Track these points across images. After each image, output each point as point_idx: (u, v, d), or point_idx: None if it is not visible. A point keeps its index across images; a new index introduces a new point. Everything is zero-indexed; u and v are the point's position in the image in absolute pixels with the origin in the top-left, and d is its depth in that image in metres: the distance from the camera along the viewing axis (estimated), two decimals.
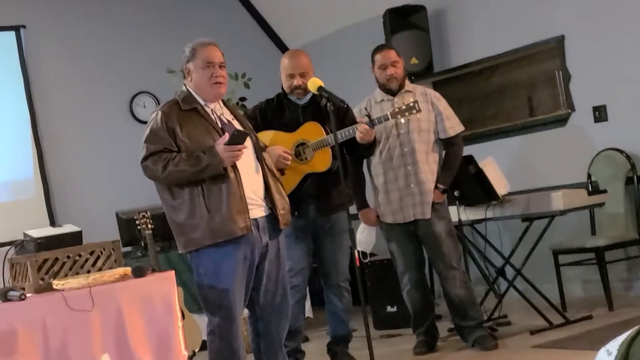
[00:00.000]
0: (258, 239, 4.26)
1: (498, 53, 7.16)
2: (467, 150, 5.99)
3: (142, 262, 5.53)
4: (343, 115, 5.11)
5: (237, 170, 4.19)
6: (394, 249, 5.58)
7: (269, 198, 4.33)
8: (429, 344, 5.61)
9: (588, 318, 5.83)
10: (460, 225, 5.92)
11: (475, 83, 7.70)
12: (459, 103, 7.55)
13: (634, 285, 6.45)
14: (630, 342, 1.91)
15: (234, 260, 4.17)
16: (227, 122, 4.35)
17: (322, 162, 5.03)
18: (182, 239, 4.24)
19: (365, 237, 5.67)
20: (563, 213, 5.82)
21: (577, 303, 6.45)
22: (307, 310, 6.55)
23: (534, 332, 5.66)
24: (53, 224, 7.27)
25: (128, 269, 4.27)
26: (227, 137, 4.10)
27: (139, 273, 4.27)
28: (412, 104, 4.98)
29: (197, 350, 5.88)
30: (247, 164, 4.25)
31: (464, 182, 5.87)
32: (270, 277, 4.38)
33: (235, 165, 4.19)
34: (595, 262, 6.20)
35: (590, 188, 6.38)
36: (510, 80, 7.40)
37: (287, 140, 5.05)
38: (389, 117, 5.02)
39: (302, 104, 5.15)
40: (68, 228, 4.67)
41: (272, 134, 5.09)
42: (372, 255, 6.56)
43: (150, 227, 5.57)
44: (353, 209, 5.31)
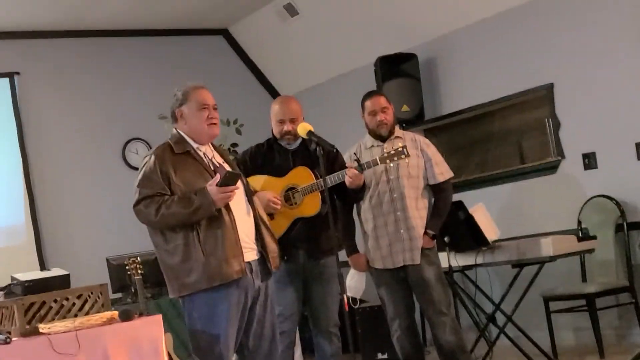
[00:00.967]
0: (251, 283, 4.25)
1: (488, 101, 7.22)
2: (457, 197, 6.02)
3: (132, 308, 5.51)
4: (333, 160, 5.13)
5: (231, 214, 4.19)
6: (384, 295, 5.57)
7: (260, 241, 4.33)
8: None
9: None
10: (451, 271, 5.91)
11: (466, 130, 7.74)
12: (450, 150, 7.60)
13: (625, 333, 6.43)
14: None
15: (229, 304, 4.16)
16: (219, 165, 4.38)
17: (311, 206, 5.03)
18: (175, 283, 4.20)
19: (355, 282, 5.66)
20: (553, 259, 5.84)
21: (568, 350, 6.43)
22: (298, 358, 6.51)
23: None
24: (43, 269, 7.24)
25: (115, 313, 4.26)
26: (218, 178, 4.11)
27: (126, 316, 4.25)
28: (400, 149, 5.00)
29: None
30: (239, 208, 4.26)
31: (454, 228, 5.88)
32: (261, 321, 4.36)
33: (230, 209, 4.19)
34: (586, 309, 6.18)
35: (580, 234, 6.39)
36: (501, 128, 7.44)
37: (276, 185, 5.06)
38: (378, 162, 5.03)
39: (292, 149, 5.17)
40: (56, 272, 4.67)
41: (262, 179, 5.10)
42: (362, 302, 6.54)
43: (140, 272, 5.55)
44: (343, 255, 5.30)
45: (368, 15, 7.81)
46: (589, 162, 6.55)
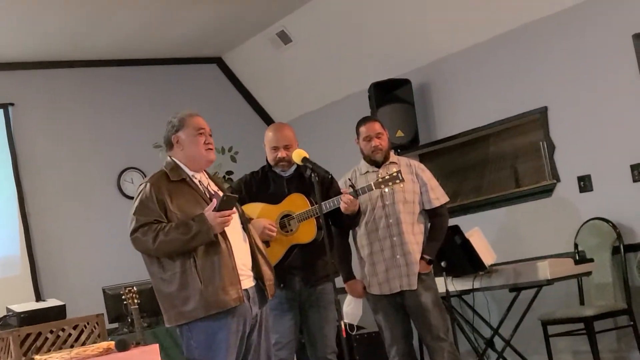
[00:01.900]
0: (249, 310, 4.24)
1: (483, 125, 7.23)
2: (453, 222, 6.01)
3: (128, 338, 5.48)
4: (328, 186, 5.13)
5: (228, 241, 4.19)
6: (381, 321, 5.55)
7: (256, 268, 4.32)
8: None
9: None
10: (448, 296, 5.90)
11: (461, 155, 7.75)
12: (446, 175, 7.60)
13: (624, 356, 6.41)
14: None
15: (228, 332, 4.14)
16: (214, 192, 4.38)
17: (307, 233, 5.02)
18: (172, 312, 4.18)
19: (352, 309, 5.64)
20: (550, 282, 5.84)
21: None
22: None
23: None
24: (39, 300, 7.22)
25: (112, 343, 4.24)
26: (214, 203, 4.11)
27: (123, 346, 4.23)
28: (395, 174, 5.01)
29: None
30: (235, 235, 4.26)
31: (451, 252, 5.88)
32: (257, 348, 4.34)
33: (227, 236, 4.19)
34: (585, 332, 6.16)
35: (577, 257, 6.38)
36: (495, 152, 7.46)
37: (272, 212, 5.06)
38: (373, 187, 5.04)
39: (286, 176, 5.17)
40: (51, 302, 4.66)
41: (257, 207, 5.09)
42: (359, 328, 6.51)
43: (137, 302, 5.53)
44: (339, 282, 5.28)
45: (361, 42, 7.84)
46: (585, 184, 6.56)
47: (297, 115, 8.74)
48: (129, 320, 6.54)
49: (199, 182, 4.35)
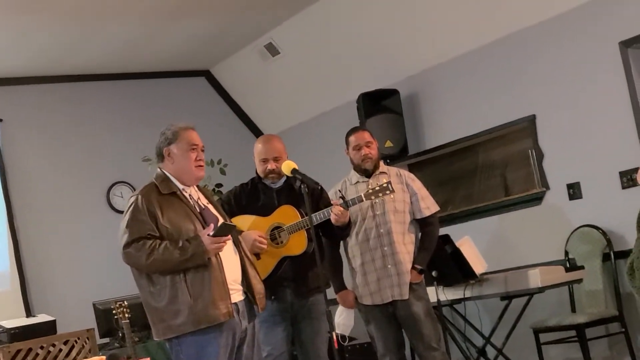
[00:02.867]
0: (238, 324, 4.24)
1: (471, 134, 7.24)
2: (443, 231, 6.02)
3: (120, 353, 5.47)
4: (317, 197, 5.13)
5: (218, 256, 4.18)
6: (373, 331, 5.54)
7: (246, 282, 4.31)
8: None
9: None
10: (439, 306, 5.89)
11: (450, 164, 7.76)
12: (435, 184, 7.61)
13: None
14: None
15: (217, 346, 4.13)
16: (204, 207, 4.36)
17: (297, 245, 5.02)
18: (160, 326, 4.17)
19: (344, 319, 5.63)
20: (541, 290, 5.85)
21: None
22: None
23: None
24: (29, 316, 7.19)
25: (103, 358, 4.24)
26: (211, 227, 4.10)
27: None
28: (385, 185, 5.01)
29: None
30: (226, 249, 4.24)
31: (442, 262, 5.88)
32: None
33: None
34: (577, 339, 6.16)
35: (568, 265, 6.39)
36: (484, 161, 7.47)
37: (262, 225, 5.05)
38: (363, 198, 5.04)
39: (276, 188, 5.17)
40: (42, 318, 4.64)
41: (247, 219, 5.09)
42: (351, 339, 6.50)
43: (128, 316, 5.53)
44: (330, 293, 5.28)
45: (349, 53, 7.86)
46: (574, 192, 6.57)
47: (286, 127, 8.74)
48: (120, 335, 6.51)
49: (189, 195, 4.34)
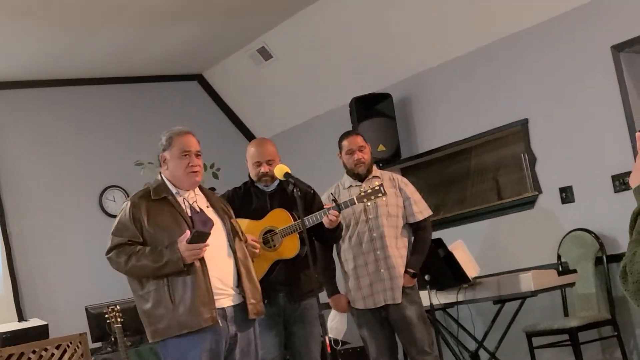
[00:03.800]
0: (225, 329, 4.22)
1: (464, 138, 7.24)
2: (436, 235, 6.02)
3: (112, 357, 5.45)
4: (310, 201, 5.12)
5: (203, 261, 4.17)
6: (366, 335, 5.53)
7: (241, 287, 4.30)
8: None
9: None
10: (432, 310, 5.89)
11: (443, 168, 7.77)
12: (428, 188, 7.61)
13: None
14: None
15: (200, 351, 4.13)
16: (198, 211, 4.34)
17: (290, 248, 5.02)
18: (149, 329, 4.22)
19: (337, 323, 5.63)
20: (534, 294, 5.85)
21: None
22: None
23: None
24: (21, 320, 7.17)
25: None
26: (187, 235, 4.10)
27: None
28: (377, 188, 5.01)
29: None
30: (216, 252, 4.23)
31: (434, 265, 5.88)
32: None
33: (202, 256, 4.17)
34: (569, 343, 6.17)
35: (560, 269, 6.40)
36: (477, 165, 7.47)
37: (255, 228, 5.04)
38: (355, 201, 5.03)
39: (269, 191, 5.16)
40: (34, 322, 4.63)
41: (239, 222, 5.07)
42: (344, 343, 6.50)
43: (120, 320, 5.51)
44: (323, 296, 5.28)
45: (341, 57, 7.86)
46: (566, 196, 6.58)
47: (278, 131, 8.74)
48: (113, 340, 6.49)
49: (184, 200, 4.33)
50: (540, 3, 6.49)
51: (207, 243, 4.15)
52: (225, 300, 4.24)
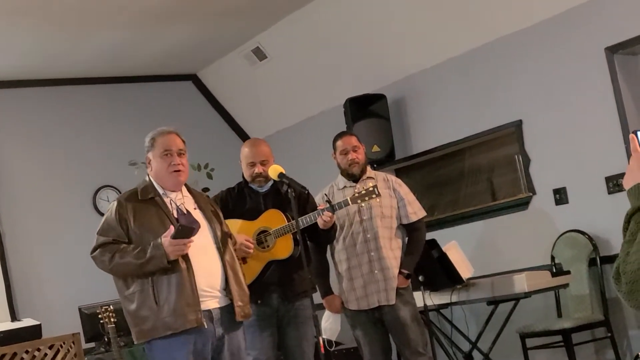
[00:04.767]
0: (211, 331, 4.21)
1: (458, 139, 7.24)
2: (430, 236, 6.02)
3: (105, 357, 5.44)
4: (304, 202, 5.12)
5: (189, 261, 4.16)
6: (360, 336, 5.53)
7: (228, 289, 4.29)
8: None
9: None
10: (426, 311, 5.89)
11: (437, 169, 7.77)
12: (422, 189, 7.62)
13: None
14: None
15: (186, 352, 4.13)
16: (185, 212, 4.33)
17: (284, 249, 5.01)
18: (135, 330, 4.22)
19: (330, 324, 5.63)
20: (527, 295, 5.85)
21: None
22: None
23: None
24: (14, 320, 7.15)
25: None
26: (172, 230, 4.09)
27: None
28: (371, 189, 5.01)
29: None
30: (203, 254, 4.23)
31: (428, 266, 5.88)
32: None
33: (188, 256, 4.16)
34: (563, 344, 6.17)
35: (554, 270, 6.40)
36: (471, 166, 7.48)
37: (248, 228, 5.04)
38: (349, 202, 5.03)
39: (263, 192, 5.16)
40: (27, 322, 4.62)
41: (233, 223, 5.07)
42: (337, 344, 6.50)
43: (113, 321, 5.50)
44: (317, 297, 5.27)
45: (336, 58, 7.86)
46: (560, 197, 6.58)
47: (273, 132, 8.73)
48: (106, 340, 6.48)
49: (170, 200, 4.32)
50: (534, 4, 6.50)
51: (191, 239, 4.13)
52: (211, 302, 4.23)
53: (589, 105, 6.30)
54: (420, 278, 5.83)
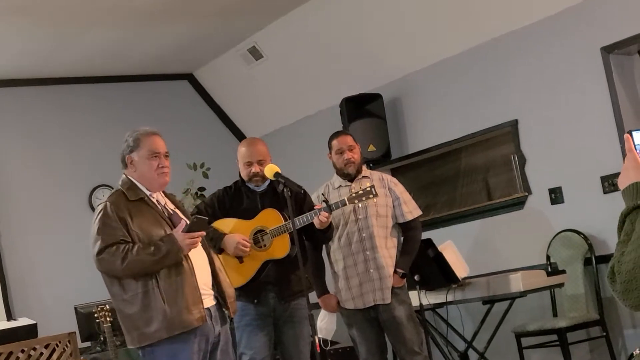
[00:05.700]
0: (211, 329, 4.22)
1: (454, 138, 7.25)
2: (426, 235, 6.03)
3: (101, 357, 5.45)
4: (301, 201, 5.13)
5: (190, 260, 4.16)
6: (356, 336, 5.54)
7: (217, 287, 4.30)
8: None
9: None
10: (422, 310, 5.90)
11: (433, 168, 7.78)
12: (418, 188, 7.62)
13: None
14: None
15: (190, 352, 4.11)
16: (172, 212, 4.35)
17: (280, 248, 5.02)
18: (134, 333, 4.14)
19: (326, 323, 5.63)
20: (523, 294, 5.86)
21: None
22: None
23: None
24: (10, 319, 7.15)
25: None
26: (183, 225, 4.09)
27: None
28: (368, 189, 5.02)
29: None
30: (196, 254, 4.23)
31: (424, 266, 5.89)
32: None
33: (189, 256, 4.16)
34: (558, 343, 6.18)
35: (550, 269, 6.41)
36: (467, 165, 7.48)
37: (245, 228, 5.04)
38: (346, 202, 5.04)
39: (259, 191, 5.16)
40: (23, 321, 4.62)
41: (230, 222, 5.09)
42: (333, 343, 6.51)
43: (109, 320, 5.51)
44: (313, 296, 5.28)
45: (332, 57, 7.86)
46: (556, 197, 6.59)
47: (269, 131, 8.73)
48: (102, 339, 6.49)
49: (157, 201, 4.32)
50: (530, 4, 6.51)
51: (203, 232, 4.15)
52: (208, 300, 4.24)
53: (585, 105, 6.31)
54: (416, 277, 5.84)
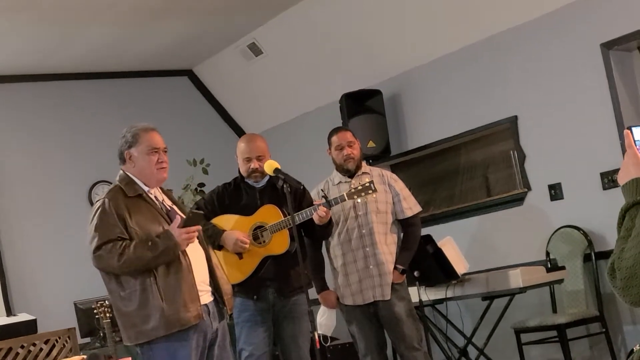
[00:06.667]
0: (209, 325, 4.22)
1: (453, 135, 7.25)
2: (426, 231, 6.03)
3: (101, 352, 5.45)
4: (300, 197, 5.13)
5: (187, 257, 4.16)
6: (355, 332, 5.54)
7: (214, 283, 4.30)
8: None
9: None
10: (421, 306, 5.91)
11: (433, 165, 7.77)
12: (417, 185, 7.62)
13: None
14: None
15: (189, 349, 4.11)
16: (170, 208, 4.34)
17: (280, 244, 5.02)
18: (131, 331, 4.13)
19: (326, 320, 5.63)
20: (522, 290, 5.86)
21: None
22: None
23: None
24: (9, 314, 7.15)
25: (83, 357, 4.22)
26: (178, 220, 4.09)
27: None
28: (367, 184, 5.02)
29: None
30: (194, 250, 4.23)
31: (423, 262, 5.89)
32: None
33: (186, 253, 4.16)
34: (557, 340, 6.19)
35: (549, 265, 6.41)
36: (467, 161, 7.48)
37: (244, 224, 5.04)
38: (346, 197, 5.04)
39: (259, 187, 5.16)
40: (22, 317, 4.62)
41: (229, 218, 5.09)
42: (333, 339, 6.51)
43: (109, 316, 5.51)
44: (312, 293, 5.28)
45: (332, 53, 7.86)
46: (555, 193, 6.59)
47: (268, 127, 8.73)
48: (101, 335, 6.49)
49: (155, 197, 4.32)
50: (530, 1, 6.50)
51: (199, 226, 4.15)
52: (206, 297, 4.24)
53: (585, 101, 6.31)
54: (416, 273, 5.85)
